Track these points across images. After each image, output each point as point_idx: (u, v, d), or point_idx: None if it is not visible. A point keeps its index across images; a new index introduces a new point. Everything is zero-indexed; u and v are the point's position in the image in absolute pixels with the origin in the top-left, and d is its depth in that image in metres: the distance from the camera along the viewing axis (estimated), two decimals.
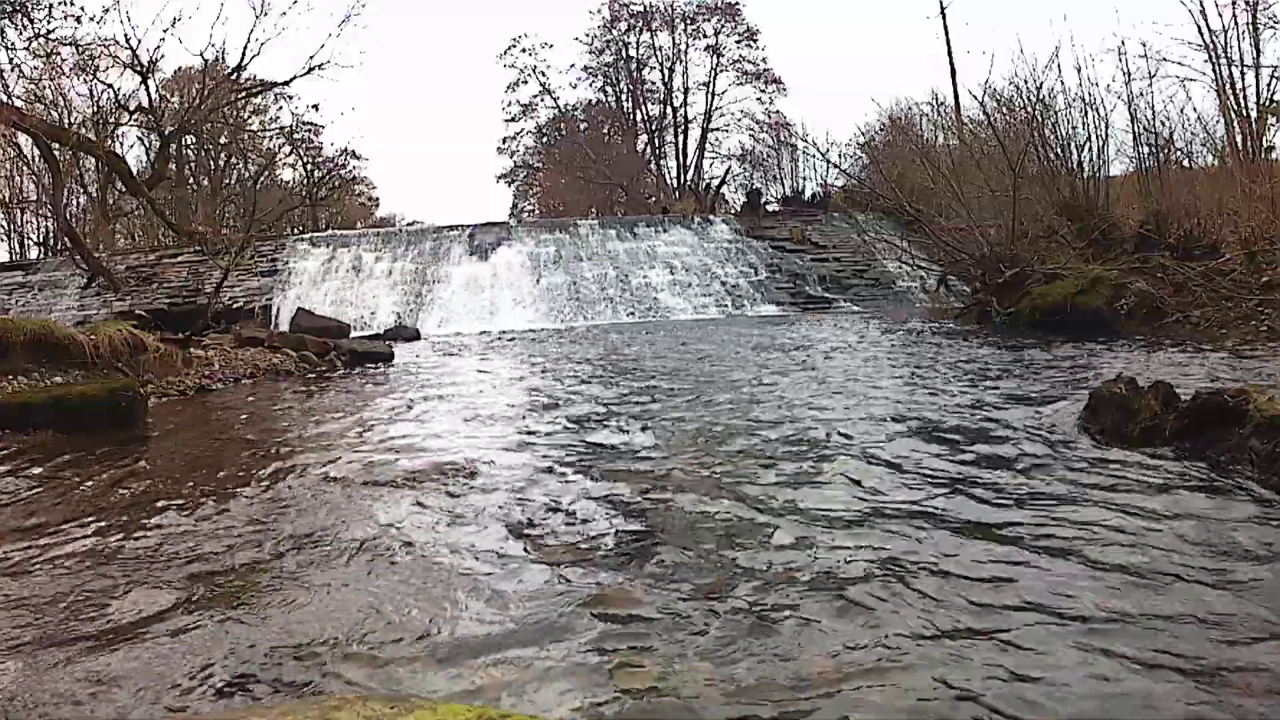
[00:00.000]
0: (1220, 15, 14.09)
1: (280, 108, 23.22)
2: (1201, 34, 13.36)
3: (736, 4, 32.75)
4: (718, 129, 33.68)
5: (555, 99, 34.95)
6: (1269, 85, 12.81)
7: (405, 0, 42.12)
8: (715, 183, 29.54)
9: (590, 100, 35.46)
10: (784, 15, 54.21)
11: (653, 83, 34.12)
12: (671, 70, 33.69)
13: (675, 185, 32.53)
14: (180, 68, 20.50)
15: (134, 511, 3.19)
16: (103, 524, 3.02)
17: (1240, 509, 2.55)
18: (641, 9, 33.08)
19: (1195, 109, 17.65)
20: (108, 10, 12.29)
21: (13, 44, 11.83)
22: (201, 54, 13.27)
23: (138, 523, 3.02)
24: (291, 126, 25.75)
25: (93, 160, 14.85)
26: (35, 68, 12.49)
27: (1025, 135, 12.43)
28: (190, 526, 2.95)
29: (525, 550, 2.55)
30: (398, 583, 2.32)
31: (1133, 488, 2.85)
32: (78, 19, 11.91)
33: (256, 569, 2.48)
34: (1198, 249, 10.27)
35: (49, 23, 11.78)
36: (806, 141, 25.64)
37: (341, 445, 4.56)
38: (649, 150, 34.24)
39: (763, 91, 33.20)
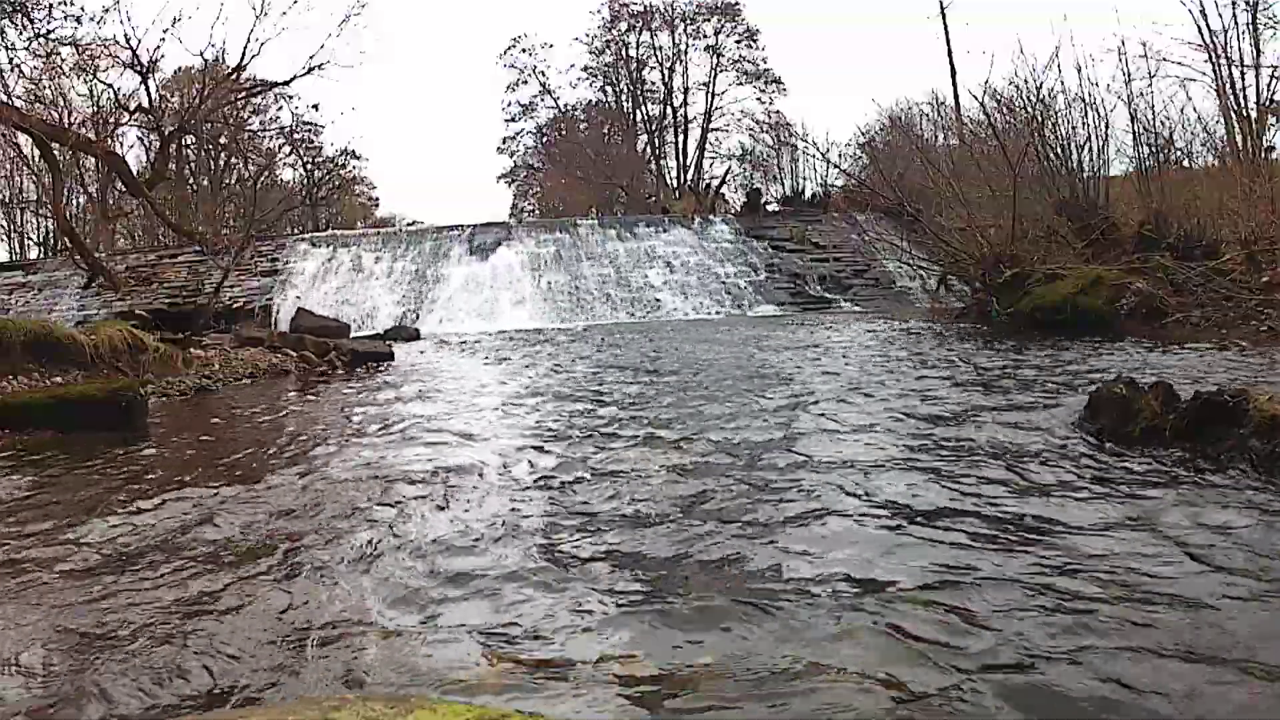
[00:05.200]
0: (1220, 15, 14.10)
1: (280, 108, 23.18)
2: (1201, 34, 13.37)
3: (736, 4, 32.76)
4: (718, 129, 33.69)
5: (555, 99, 34.97)
6: (1269, 85, 12.83)
7: (405, 0, 42.12)
8: (715, 182, 29.54)
9: (590, 100, 35.48)
10: (784, 15, 54.26)
11: (653, 83, 34.12)
12: (671, 70, 33.70)
13: (675, 185, 32.53)
14: (180, 68, 20.45)
15: (134, 511, 3.19)
16: (102, 524, 3.02)
17: (1240, 509, 2.56)
18: (641, 9, 33.09)
19: (1195, 109, 17.59)
20: (108, 10, 12.19)
21: (13, 44, 11.81)
22: (201, 54, 13.23)
23: (137, 522, 3.02)
24: (291, 126, 25.75)
25: (93, 160, 14.84)
26: (35, 68, 12.47)
27: (1025, 135, 12.43)
28: (190, 526, 2.95)
29: (525, 550, 2.55)
30: (397, 582, 2.32)
31: (1132, 487, 2.85)
32: (78, 19, 11.88)
33: (256, 569, 2.48)
34: (1198, 249, 10.26)
35: (49, 23, 11.75)
36: (806, 141, 25.65)
37: (341, 445, 4.56)
38: (649, 150, 34.24)
39: (762, 91, 33.21)
